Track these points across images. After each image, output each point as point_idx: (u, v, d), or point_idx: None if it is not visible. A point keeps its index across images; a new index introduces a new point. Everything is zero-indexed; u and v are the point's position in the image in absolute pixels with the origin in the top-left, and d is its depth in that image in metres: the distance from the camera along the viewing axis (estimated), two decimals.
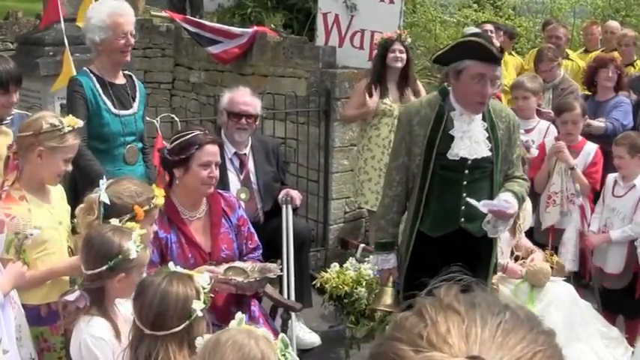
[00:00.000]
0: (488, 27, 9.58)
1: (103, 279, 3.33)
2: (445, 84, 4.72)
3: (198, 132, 4.64)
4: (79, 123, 4.11)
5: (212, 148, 4.57)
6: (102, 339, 3.24)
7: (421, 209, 4.58)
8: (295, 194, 5.92)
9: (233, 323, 2.83)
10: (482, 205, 4.36)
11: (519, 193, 4.58)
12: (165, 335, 2.98)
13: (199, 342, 2.74)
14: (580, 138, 6.46)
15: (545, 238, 6.32)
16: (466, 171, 4.50)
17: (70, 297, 3.34)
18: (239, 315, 2.91)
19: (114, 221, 3.56)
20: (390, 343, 1.13)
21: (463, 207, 4.51)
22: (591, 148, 6.35)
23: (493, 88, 4.50)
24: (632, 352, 5.09)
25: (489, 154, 4.51)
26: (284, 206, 5.84)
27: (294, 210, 5.95)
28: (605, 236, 5.91)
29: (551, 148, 6.31)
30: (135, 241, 3.37)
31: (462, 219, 4.56)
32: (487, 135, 4.51)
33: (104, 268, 3.31)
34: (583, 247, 6.14)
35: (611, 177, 6.11)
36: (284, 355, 2.70)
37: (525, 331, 1.11)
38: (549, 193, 6.35)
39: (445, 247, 4.44)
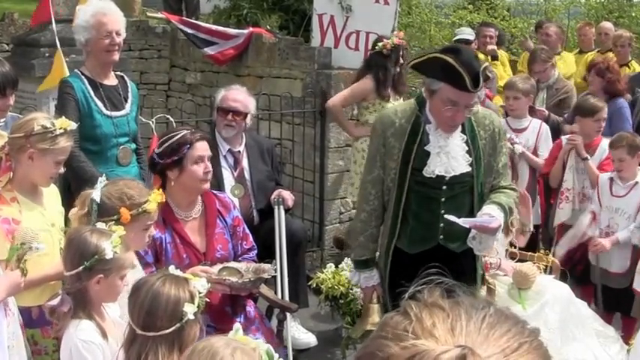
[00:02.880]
0: (489, 32, 9.66)
1: (82, 280, 3.29)
2: (423, 90, 4.41)
3: (185, 131, 4.66)
4: (72, 125, 4.08)
5: (202, 144, 4.62)
6: (92, 342, 3.22)
7: (398, 225, 4.36)
8: (287, 195, 5.91)
9: (230, 333, 2.81)
10: (463, 222, 4.10)
11: (506, 205, 4.29)
12: (155, 336, 2.95)
13: None
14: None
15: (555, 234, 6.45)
16: (444, 187, 4.27)
17: (54, 302, 3.31)
18: (236, 325, 2.89)
19: (100, 224, 3.54)
20: (375, 342, 1.13)
21: (442, 224, 4.26)
22: (606, 144, 6.39)
23: (469, 113, 4.17)
24: (628, 351, 5.10)
25: (469, 169, 4.25)
26: (276, 207, 5.84)
27: (287, 210, 5.95)
28: (613, 239, 5.90)
29: (566, 144, 6.41)
30: (112, 242, 3.33)
31: (441, 236, 4.33)
32: (466, 148, 4.26)
33: (81, 268, 3.28)
34: (590, 250, 6.10)
35: (604, 177, 6.12)
36: None
37: (510, 325, 1.12)
38: (562, 190, 6.40)
39: (425, 264, 4.27)
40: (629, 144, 5.87)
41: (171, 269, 3.22)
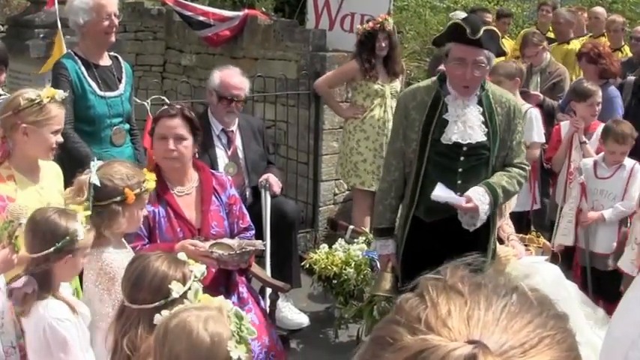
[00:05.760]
0: (487, 18, 9.71)
1: (49, 261, 3.26)
2: (442, 67, 4.68)
3: (165, 107, 4.65)
4: (59, 93, 4.06)
5: (168, 122, 4.52)
6: (67, 320, 3.21)
7: (417, 194, 4.53)
8: (274, 181, 5.93)
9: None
10: (441, 198, 4.33)
11: (499, 187, 4.47)
12: (139, 310, 2.94)
13: (157, 319, 2.66)
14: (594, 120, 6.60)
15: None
16: (462, 158, 4.45)
17: (17, 283, 3.27)
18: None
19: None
20: (388, 326, 1.07)
21: (458, 194, 4.43)
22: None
23: (479, 72, 4.35)
24: None
25: (484, 139, 4.44)
26: (262, 191, 5.87)
27: (274, 196, 5.98)
28: (599, 215, 5.98)
29: (569, 128, 6.53)
30: (82, 222, 3.31)
31: None
32: (482, 119, 4.45)
33: (52, 250, 3.24)
34: (580, 225, 6.15)
35: (587, 161, 6.20)
36: (239, 327, 2.57)
37: (533, 315, 1.04)
38: (570, 170, 6.47)
39: (440, 233, 4.44)
40: (632, 137, 5.95)
41: (182, 255, 3.18)
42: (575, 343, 1.07)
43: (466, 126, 4.41)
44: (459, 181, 4.45)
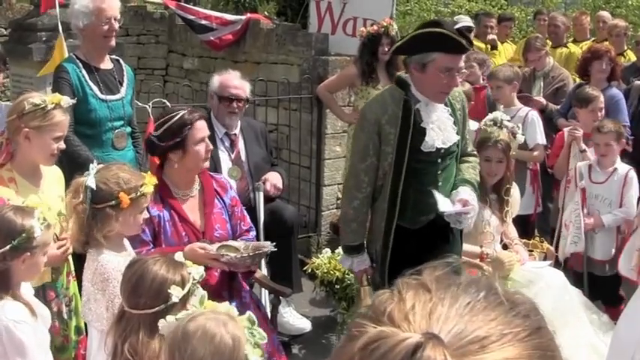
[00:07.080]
0: (491, 22, 9.70)
1: (6, 260, 3.20)
2: (401, 73, 4.65)
3: (183, 112, 4.58)
4: (65, 100, 4.07)
5: (202, 124, 4.54)
6: (24, 321, 3.16)
7: (397, 206, 4.47)
8: (270, 186, 5.90)
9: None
10: (441, 210, 4.34)
11: (475, 181, 4.59)
12: (139, 315, 2.92)
13: (162, 323, 2.63)
14: None
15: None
16: (439, 160, 4.46)
17: None
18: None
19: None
20: (357, 320, 1.09)
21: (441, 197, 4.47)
22: None
23: (460, 77, 4.47)
24: None
25: (458, 137, 4.49)
26: (255, 192, 5.85)
27: (273, 199, 5.96)
28: (598, 220, 5.95)
29: (567, 136, 6.44)
30: (39, 219, 3.27)
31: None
32: (452, 119, 4.48)
33: (7, 247, 3.19)
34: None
35: (581, 165, 6.16)
36: (251, 332, 2.60)
37: (499, 313, 1.04)
38: (568, 178, 6.44)
39: (424, 237, 4.45)
40: (616, 130, 5.92)
41: (178, 256, 3.17)
42: (549, 344, 1.06)
43: (442, 130, 4.42)
44: (440, 183, 4.47)
